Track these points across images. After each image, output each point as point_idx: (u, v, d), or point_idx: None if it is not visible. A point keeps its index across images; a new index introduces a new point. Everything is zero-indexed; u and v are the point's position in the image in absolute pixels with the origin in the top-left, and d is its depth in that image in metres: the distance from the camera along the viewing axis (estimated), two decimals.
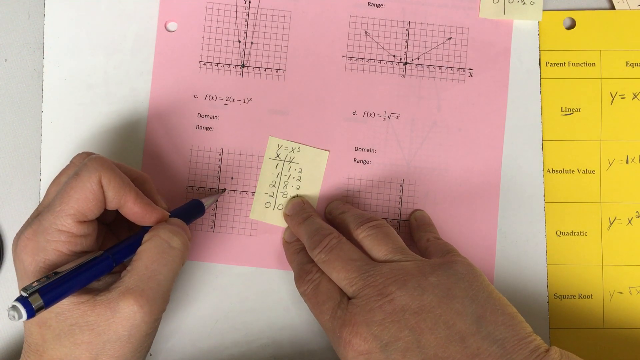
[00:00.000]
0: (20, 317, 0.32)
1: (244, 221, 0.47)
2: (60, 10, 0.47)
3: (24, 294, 0.33)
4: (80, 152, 0.41)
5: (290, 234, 0.46)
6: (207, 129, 0.47)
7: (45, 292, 0.33)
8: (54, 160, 0.46)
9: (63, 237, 0.36)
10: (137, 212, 0.38)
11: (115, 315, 0.36)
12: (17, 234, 0.37)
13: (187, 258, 0.40)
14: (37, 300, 0.33)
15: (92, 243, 0.38)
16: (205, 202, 0.44)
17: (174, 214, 0.41)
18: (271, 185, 0.47)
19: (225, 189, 0.47)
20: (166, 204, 0.42)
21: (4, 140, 0.47)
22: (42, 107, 0.47)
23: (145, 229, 0.39)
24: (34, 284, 0.33)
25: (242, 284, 0.47)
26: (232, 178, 0.47)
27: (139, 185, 0.40)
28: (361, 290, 0.38)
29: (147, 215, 0.39)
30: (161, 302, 0.37)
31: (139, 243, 0.38)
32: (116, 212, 0.42)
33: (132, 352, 0.37)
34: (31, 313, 0.32)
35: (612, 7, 0.48)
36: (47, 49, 0.47)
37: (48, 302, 0.33)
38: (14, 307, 0.32)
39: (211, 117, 0.47)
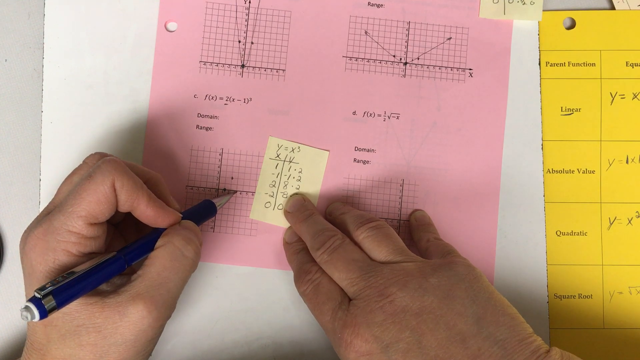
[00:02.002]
0: (33, 317, 0.32)
1: (244, 221, 0.47)
2: (60, 10, 0.47)
3: (38, 295, 0.33)
4: (94, 153, 0.41)
5: (291, 234, 0.46)
6: (207, 129, 0.47)
7: (58, 293, 0.33)
8: (54, 160, 0.46)
9: (73, 238, 0.36)
10: (149, 215, 0.38)
11: (123, 319, 0.36)
12: (25, 232, 0.37)
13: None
14: (49, 301, 0.33)
15: (101, 245, 0.38)
16: (217, 202, 0.44)
17: (186, 215, 0.41)
18: (271, 185, 0.47)
19: (237, 190, 0.47)
20: (178, 205, 0.42)
21: (4, 140, 0.47)
22: (42, 107, 0.47)
23: (158, 230, 0.39)
24: (47, 286, 0.33)
25: (242, 284, 0.47)
26: (232, 178, 0.47)
27: (152, 186, 0.40)
28: (362, 291, 0.39)
29: (160, 218, 0.39)
30: (169, 309, 0.38)
31: (152, 245, 0.38)
32: (124, 213, 0.42)
33: (135, 356, 0.37)
34: (44, 314, 0.33)
35: (612, 7, 0.48)
36: (47, 49, 0.47)
37: (60, 303, 0.33)
38: (26, 308, 0.33)
39: (211, 117, 0.47)
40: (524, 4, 0.47)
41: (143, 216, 0.39)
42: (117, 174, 0.37)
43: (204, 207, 0.43)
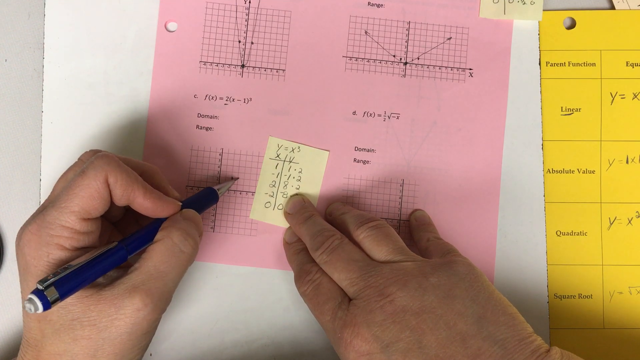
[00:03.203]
0: (36, 309, 0.33)
1: (244, 221, 0.47)
2: (60, 10, 0.47)
3: (40, 287, 0.33)
4: (88, 150, 0.41)
5: (291, 235, 0.46)
6: (207, 129, 0.47)
7: (60, 284, 0.34)
8: (54, 160, 0.46)
9: (66, 233, 0.36)
10: (148, 207, 0.39)
11: (118, 312, 0.36)
12: (21, 228, 0.37)
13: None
14: (52, 293, 0.33)
15: (94, 240, 0.38)
16: (219, 189, 0.44)
17: (187, 203, 0.41)
18: (271, 185, 0.47)
19: (238, 177, 0.47)
20: (178, 193, 0.42)
21: (4, 140, 0.47)
22: (42, 107, 0.47)
23: (159, 220, 0.39)
24: (49, 277, 0.34)
25: (242, 284, 0.47)
26: (232, 178, 0.47)
27: (149, 177, 0.40)
28: (362, 291, 0.39)
29: (159, 209, 0.39)
30: (165, 302, 0.38)
31: (153, 234, 0.39)
32: (123, 211, 0.42)
33: (130, 350, 0.37)
34: (47, 305, 0.33)
35: (612, 7, 0.48)
36: (47, 49, 0.47)
37: (63, 294, 0.34)
38: (30, 300, 0.33)
39: (211, 117, 0.47)
40: (524, 3, 0.47)
41: (141, 208, 0.39)
42: (109, 169, 0.37)
43: (205, 195, 0.43)
